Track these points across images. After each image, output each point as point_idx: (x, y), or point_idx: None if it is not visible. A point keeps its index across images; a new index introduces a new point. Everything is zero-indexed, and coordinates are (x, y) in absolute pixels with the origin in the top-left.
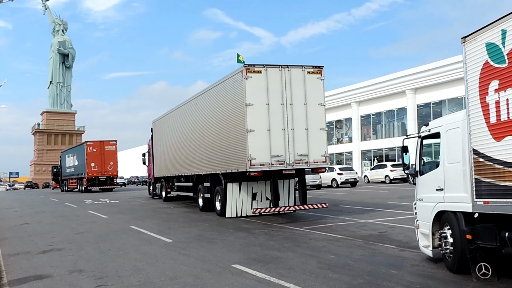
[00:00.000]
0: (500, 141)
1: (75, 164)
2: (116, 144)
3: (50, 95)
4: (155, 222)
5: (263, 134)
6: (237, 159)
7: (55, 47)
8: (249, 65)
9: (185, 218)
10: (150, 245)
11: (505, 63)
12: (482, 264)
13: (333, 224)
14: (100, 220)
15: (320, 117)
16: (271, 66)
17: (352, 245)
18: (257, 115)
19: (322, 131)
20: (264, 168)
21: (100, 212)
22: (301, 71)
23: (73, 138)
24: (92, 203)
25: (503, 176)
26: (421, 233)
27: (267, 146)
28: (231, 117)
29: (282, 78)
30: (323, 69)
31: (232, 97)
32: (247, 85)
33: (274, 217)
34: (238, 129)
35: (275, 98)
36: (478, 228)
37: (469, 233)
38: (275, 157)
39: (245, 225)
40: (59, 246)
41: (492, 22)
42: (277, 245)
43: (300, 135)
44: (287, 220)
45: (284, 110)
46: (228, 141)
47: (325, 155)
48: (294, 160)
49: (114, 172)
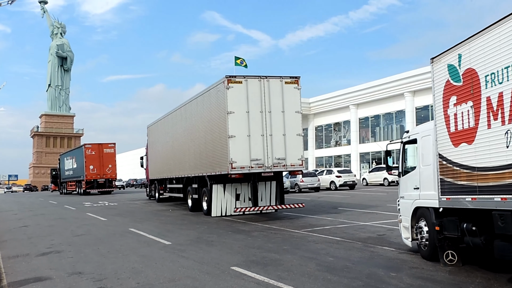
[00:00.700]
0: (457, 147)
1: (74, 166)
2: (115, 146)
3: (49, 98)
4: (154, 225)
5: (244, 139)
6: (220, 162)
7: (53, 50)
8: (231, 76)
9: (184, 220)
10: (149, 247)
11: (460, 82)
12: (449, 251)
13: (331, 227)
14: (99, 222)
15: (296, 123)
16: (251, 77)
17: (351, 247)
18: (238, 122)
19: (298, 137)
20: (244, 171)
21: (99, 214)
22: (279, 81)
23: (71, 141)
24: (91, 206)
25: (459, 176)
26: (403, 226)
27: (247, 150)
28: (215, 124)
29: (261, 88)
30: (299, 79)
31: (216, 105)
32: (228, 94)
33: (272, 219)
34: (221, 135)
35: (254, 106)
36: (445, 221)
37: (438, 225)
38: (254, 160)
39: (244, 228)
40: (58, 248)
41: (452, 47)
42: (276, 248)
43: (278, 140)
44: (286, 223)
45: (263, 117)
46: (212, 146)
47: (302, 158)
48: (272, 164)
49: (112, 175)
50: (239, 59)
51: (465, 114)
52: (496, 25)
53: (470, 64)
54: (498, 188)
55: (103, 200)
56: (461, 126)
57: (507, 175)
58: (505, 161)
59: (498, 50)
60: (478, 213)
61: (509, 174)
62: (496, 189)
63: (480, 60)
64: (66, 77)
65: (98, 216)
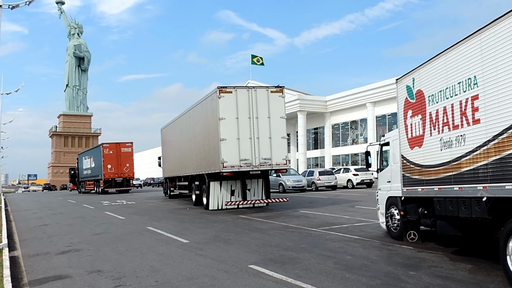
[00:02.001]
0: (412, 150)
1: (91, 166)
2: (132, 146)
3: (67, 98)
4: (172, 223)
5: (234, 142)
6: (214, 162)
7: (71, 50)
8: (222, 86)
9: (201, 219)
10: (167, 245)
11: (414, 99)
12: (411, 231)
13: (349, 225)
14: (117, 221)
15: (281, 128)
16: (240, 88)
17: (369, 245)
18: (229, 127)
19: (283, 139)
20: (234, 169)
21: (117, 213)
22: (265, 91)
23: (89, 140)
24: (109, 205)
25: (414, 172)
26: (380, 213)
27: (237, 151)
28: (210, 129)
29: (249, 96)
30: (284, 89)
31: (211, 112)
32: (220, 103)
33: (289, 218)
34: (214, 138)
35: (243, 113)
36: (407, 207)
37: (402, 211)
38: (243, 160)
39: (261, 226)
40: (78, 247)
41: (409, 71)
42: (294, 246)
43: (264, 143)
44: (303, 221)
45: (251, 123)
46: (209, 148)
47: (286, 158)
48: (259, 163)
49: (130, 174)
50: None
51: (417, 124)
52: (434, 58)
53: (420, 86)
54: (436, 180)
55: (121, 199)
56: (415, 133)
57: (441, 171)
58: (440, 160)
59: (435, 77)
60: (427, 200)
61: (442, 170)
62: (435, 181)
63: (425, 84)
64: (84, 77)
65: (116, 215)
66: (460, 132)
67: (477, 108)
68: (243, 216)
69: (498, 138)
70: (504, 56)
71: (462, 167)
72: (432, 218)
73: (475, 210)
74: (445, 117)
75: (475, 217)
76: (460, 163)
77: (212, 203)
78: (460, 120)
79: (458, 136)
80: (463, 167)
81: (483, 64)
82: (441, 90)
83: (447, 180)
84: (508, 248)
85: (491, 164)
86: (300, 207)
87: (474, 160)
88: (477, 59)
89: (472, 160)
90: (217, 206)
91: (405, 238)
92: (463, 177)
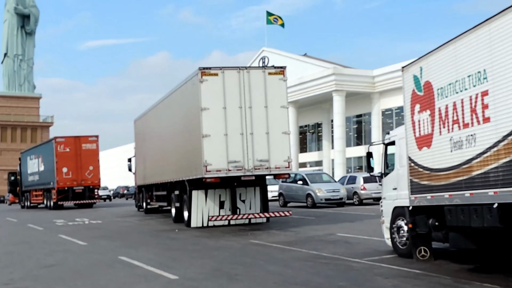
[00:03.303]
0: (420, 151)
1: (40, 169)
2: (98, 141)
3: (5, 73)
4: (154, 251)
5: (220, 139)
6: (196, 165)
7: (10, 5)
8: (205, 68)
9: (196, 245)
10: (147, 283)
11: (422, 92)
12: (421, 248)
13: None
14: (76, 248)
15: (282, 120)
16: (228, 68)
17: (437, 282)
18: (213, 120)
19: (284, 135)
20: (221, 174)
21: (76, 237)
22: (261, 73)
23: (37, 132)
24: (65, 225)
25: (422, 177)
26: (385, 227)
27: (224, 151)
28: (191, 122)
29: (240, 80)
30: (285, 70)
31: (191, 100)
32: (202, 88)
33: (321, 243)
34: (196, 134)
35: (232, 102)
36: (417, 218)
37: (411, 223)
38: (232, 162)
39: (281, 255)
40: (20, 285)
41: (416, 59)
42: (328, 285)
43: (260, 140)
44: (340, 249)
45: (242, 114)
46: (190, 147)
47: (288, 160)
48: (254, 166)
49: (95, 181)
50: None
51: (426, 121)
52: (443, 46)
53: (428, 77)
54: (446, 186)
55: (81, 217)
56: (423, 132)
57: (452, 175)
58: (450, 163)
59: (444, 68)
60: (438, 210)
61: (453, 174)
62: (445, 187)
63: (434, 75)
64: (29, 44)
65: (75, 239)
66: (470, 131)
67: (487, 105)
68: (255, 241)
69: (508, 139)
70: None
71: (473, 170)
72: (444, 231)
73: (487, 219)
74: (455, 114)
75: (487, 226)
76: (471, 166)
77: (195, 218)
78: (470, 118)
79: (468, 135)
80: (474, 170)
81: (492, 57)
82: (450, 83)
83: (458, 185)
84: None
85: (501, 167)
86: (337, 227)
87: (485, 163)
88: (486, 51)
89: (483, 163)
90: (201, 223)
91: (414, 256)
92: (474, 182)
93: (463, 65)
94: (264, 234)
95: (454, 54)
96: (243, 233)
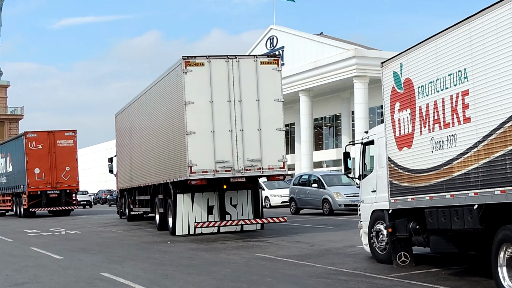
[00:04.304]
0: (401, 151)
1: (8, 170)
2: (75, 137)
3: None
4: (142, 267)
5: (206, 136)
6: (180, 166)
7: None
8: (189, 57)
9: (192, 259)
10: None
11: (402, 89)
12: (401, 253)
13: (441, 269)
14: (51, 263)
15: (277, 115)
16: (215, 57)
17: None
18: (199, 115)
19: (279, 132)
20: (208, 176)
21: (51, 250)
22: (253, 62)
23: (4, 127)
24: (38, 235)
25: (402, 178)
26: (364, 232)
27: (211, 150)
28: (175, 118)
29: (229, 71)
30: (280, 59)
31: (174, 94)
32: (186, 80)
33: (340, 257)
34: (179, 132)
35: (220, 95)
36: (397, 222)
37: (390, 227)
38: (220, 162)
39: (292, 271)
40: None
41: (396, 55)
42: None
43: (251, 137)
44: (363, 264)
45: (231, 108)
46: (173, 145)
47: (283, 160)
48: (244, 167)
49: (72, 184)
50: None
51: (406, 120)
52: (424, 43)
53: (408, 74)
54: (427, 188)
55: (57, 226)
56: (403, 131)
57: (433, 176)
58: (431, 164)
59: (425, 65)
60: (419, 213)
61: (434, 175)
62: (426, 189)
63: (415, 72)
64: None
65: (50, 253)
66: (451, 131)
67: (468, 105)
68: (261, 254)
69: (488, 139)
70: (493, 50)
71: (454, 171)
72: (425, 234)
73: (467, 220)
74: (435, 113)
75: (467, 228)
76: (452, 167)
77: (180, 225)
78: (451, 118)
79: (449, 136)
80: (455, 171)
81: (472, 56)
82: (431, 81)
83: (439, 187)
84: (499, 259)
85: (481, 168)
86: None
87: (466, 164)
88: (467, 50)
89: (464, 164)
90: (187, 230)
91: (394, 262)
92: (455, 183)
93: (444, 63)
94: (273, 246)
95: (435, 51)
96: (247, 245)
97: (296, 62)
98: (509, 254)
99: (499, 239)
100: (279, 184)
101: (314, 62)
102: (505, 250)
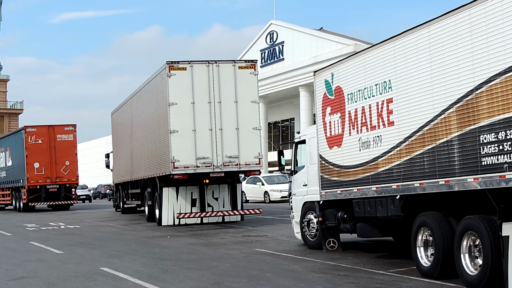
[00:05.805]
0: (331, 149)
1: (7, 164)
2: (75, 131)
3: None
4: (142, 261)
5: (188, 134)
6: (165, 161)
7: None
8: (173, 61)
9: (192, 254)
10: None
11: (333, 96)
12: (330, 239)
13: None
14: (50, 257)
15: (253, 115)
16: (197, 62)
17: None
18: (181, 115)
19: (255, 131)
20: (189, 171)
21: (50, 244)
22: (231, 66)
23: (4, 121)
24: (38, 230)
25: (332, 173)
26: (295, 222)
27: (192, 147)
28: (160, 117)
29: (209, 74)
30: (256, 64)
31: (159, 95)
32: (170, 83)
33: (340, 252)
34: (164, 130)
35: (201, 96)
36: (326, 212)
37: (321, 216)
38: (201, 159)
39: (292, 266)
40: None
41: (327, 66)
42: None
43: (229, 136)
44: (362, 258)
45: (211, 109)
46: (159, 143)
47: (259, 156)
48: (223, 162)
49: (71, 178)
50: None
51: (336, 122)
52: (354, 56)
53: (339, 82)
54: (355, 181)
55: (57, 220)
56: (334, 132)
57: (360, 171)
58: (359, 161)
59: (354, 75)
60: (347, 204)
61: (361, 171)
62: (354, 182)
63: (344, 81)
64: None
65: (49, 247)
66: (377, 133)
67: (392, 111)
68: (261, 249)
69: (409, 140)
70: (414, 65)
71: (379, 167)
72: (352, 222)
73: (390, 209)
74: (363, 117)
75: (390, 215)
76: (377, 163)
77: (166, 216)
78: (377, 121)
79: (375, 136)
80: (380, 167)
81: (396, 69)
82: (359, 89)
83: (366, 180)
84: (417, 241)
85: (403, 164)
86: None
87: (389, 161)
88: (391, 64)
89: (388, 161)
90: (172, 221)
91: (324, 247)
92: (380, 177)
93: (371, 74)
94: (272, 241)
95: (364, 64)
96: (247, 240)
97: (296, 57)
98: (425, 236)
99: (418, 225)
100: (279, 179)
101: (314, 57)
102: (422, 233)
